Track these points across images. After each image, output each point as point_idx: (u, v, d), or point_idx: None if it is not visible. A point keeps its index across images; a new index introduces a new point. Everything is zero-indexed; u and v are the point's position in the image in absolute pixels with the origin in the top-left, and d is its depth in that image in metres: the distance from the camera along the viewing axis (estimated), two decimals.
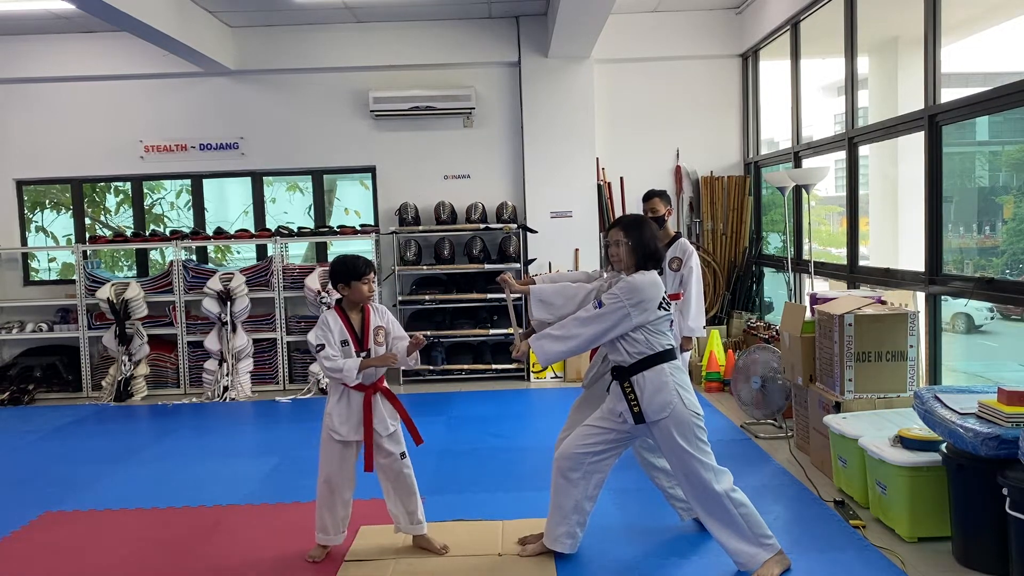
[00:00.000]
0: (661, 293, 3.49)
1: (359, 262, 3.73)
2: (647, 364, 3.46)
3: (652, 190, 5.43)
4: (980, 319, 6.72)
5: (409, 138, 8.31)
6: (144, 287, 7.83)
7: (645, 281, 3.45)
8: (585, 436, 3.62)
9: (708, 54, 8.27)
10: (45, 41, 8.05)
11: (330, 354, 3.61)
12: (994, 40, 5.39)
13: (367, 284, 3.71)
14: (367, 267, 3.73)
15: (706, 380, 7.15)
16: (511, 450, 5.57)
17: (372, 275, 3.74)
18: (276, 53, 8.12)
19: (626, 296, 3.40)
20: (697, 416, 3.50)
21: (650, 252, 3.52)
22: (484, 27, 8.10)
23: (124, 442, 6.18)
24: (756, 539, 3.45)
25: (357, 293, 3.71)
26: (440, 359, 7.88)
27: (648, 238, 3.52)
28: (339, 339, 3.66)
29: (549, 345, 3.47)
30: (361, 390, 3.70)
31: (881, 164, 6.54)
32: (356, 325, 3.73)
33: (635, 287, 3.42)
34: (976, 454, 3.33)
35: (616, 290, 3.43)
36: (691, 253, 5.20)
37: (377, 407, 3.75)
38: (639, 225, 3.57)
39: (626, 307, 3.39)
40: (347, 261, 3.73)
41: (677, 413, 3.44)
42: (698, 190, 8.35)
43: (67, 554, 4.03)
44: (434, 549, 3.82)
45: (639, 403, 3.44)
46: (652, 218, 5.28)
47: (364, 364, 3.63)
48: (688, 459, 3.46)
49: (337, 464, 3.75)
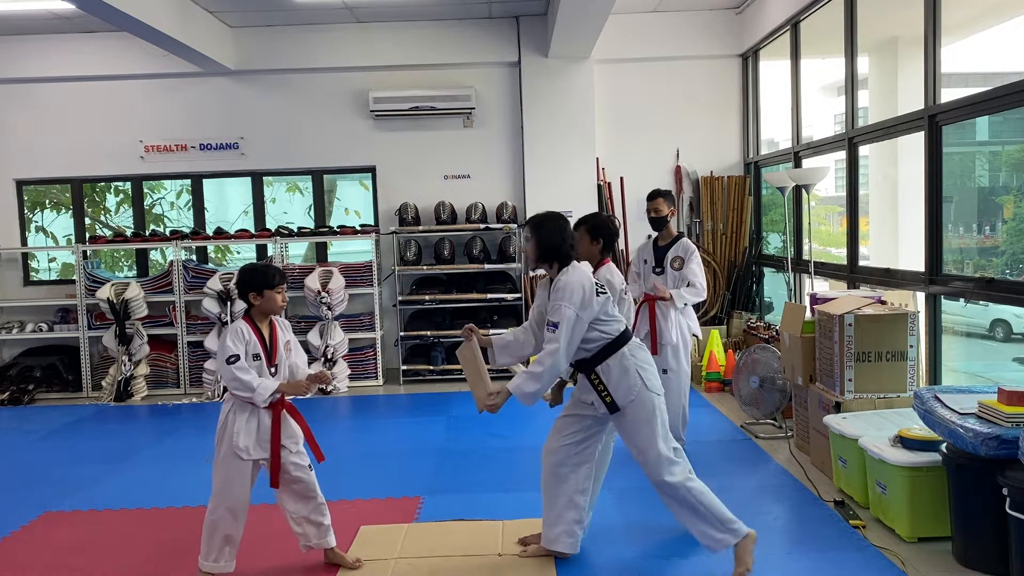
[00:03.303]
0: (592, 282, 3.51)
1: (271, 270, 3.61)
2: (608, 352, 3.52)
3: (656, 190, 5.44)
4: (1020, 326, 6.33)
5: (409, 138, 8.31)
6: (144, 287, 7.83)
7: (573, 279, 3.49)
8: (563, 428, 3.70)
9: (708, 54, 8.27)
10: (45, 41, 8.06)
11: (245, 367, 3.46)
12: (994, 40, 5.39)
13: (280, 294, 3.58)
14: (280, 276, 3.61)
15: (706, 380, 7.15)
16: (511, 450, 5.57)
17: (284, 285, 3.63)
18: (276, 53, 8.12)
19: (567, 302, 3.43)
20: (659, 398, 3.54)
21: (552, 247, 3.56)
22: (484, 27, 8.10)
23: (124, 442, 6.19)
24: (722, 526, 3.49)
25: (270, 303, 3.55)
26: (440, 359, 7.88)
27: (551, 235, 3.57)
28: (252, 352, 3.51)
29: (527, 385, 3.46)
30: (269, 408, 3.54)
31: (881, 164, 6.55)
32: (266, 337, 3.60)
33: (568, 288, 3.45)
34: (976, 454, 3.33)
35: (556, 303, 3.45)
36: (693, 252, 5.21)
37: (286, 422, 3.59)
38: (540, 224, 3.63)
39: (573, 312, 3.43)
40: (259, 269, 3.63)
41: (642, 396, 3.50)
42: (698, 190, 8.35)
43: (67, 554, 4.04)
44: (347, 564, 3.70)
45: (609, 392, 3.50)
46: (655, 218, 5.33)
47: (278, 389, 3.50)
48: (651, 442, 3.49)
49: (240, 485, 3.54)
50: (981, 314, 6.16)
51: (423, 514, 4.38)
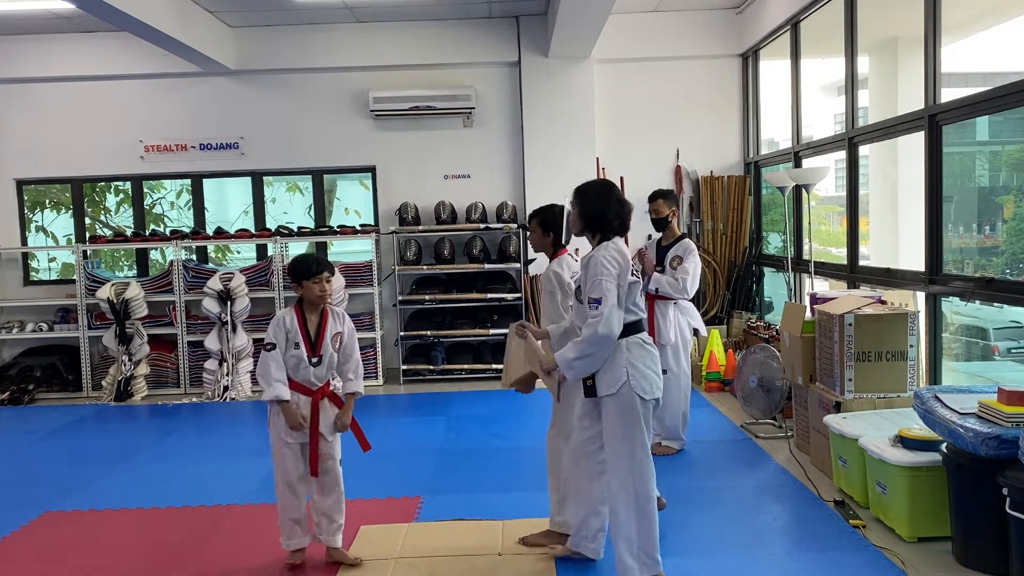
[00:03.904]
0: (629, 259, 3.38)
1: (310, 260, 3.71)
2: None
3: (657, 191, 5.43)
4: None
5: (409, 138, 8.31)
6: (144, 287, 7.83)
7: (612, 252, 3.35)
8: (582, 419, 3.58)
9: (708, 54, 8.27)
10: (45, 41, 8.05)
11: (276, 357, 3.60)
12: (994, 40, 5.39)
13: (318, 284, 3.65)
14: (319, 266, 3.68)
15: (706, 380, 7.15)
16: (511, 450, 5.57)
17: (326, 275, 3.67)
18: (276, 53, 8.12)
19: (605, 276, 3.28)
20: (643, 401, 3.32)
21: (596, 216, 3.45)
22: (484, 27, 8.10)
23: (124, 442, 6.19)
24: (639, 555, 3.32)
25: (308, 292, 3.65)
26: (440, 359, 7.88)
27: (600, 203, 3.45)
28: (292, 340, 3.62)
29: (583, 366, 3.32)
30: (308, 394, 3.67)
31: (881, 164, 6.54)
32: (312, 328, 3.68)
33: (605, 262, 3.31)
34: (976, 454, 3.33)
35: (595, 277, 3.30)
36: (691, 251, 5.19)
37: (325, 412, 3.72)
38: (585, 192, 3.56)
39: (614, 283, 3.28)
40: (300, 259, 3.76)
41: (622, 394, 3.30)
42: (698, 190, 8.35)
43: (67, 554, 4.03)
44: (348, 561, 3.76)
45: (592, 376, 3.34)
46: (655, 219, 5.34)
47: (286, 410, 3.59)
48: (623, 445, 3.32)
49: (292, 462, 3.69)
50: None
51: (423, 514, 4.38)
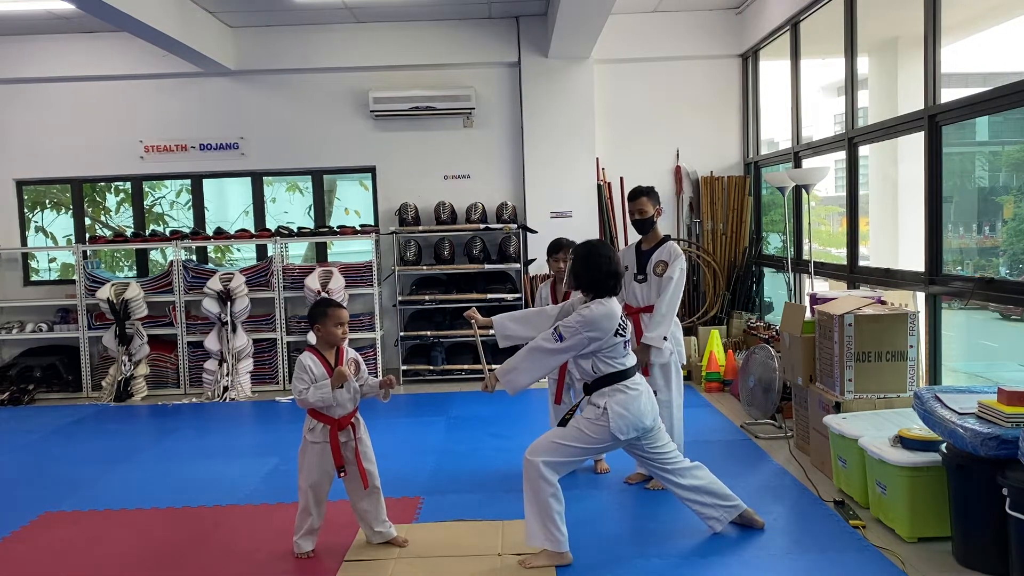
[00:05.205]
0: (616, 323, 3.65)
1: (326, 303, 3.86)
2: (600, 383, 3.69)
3: (638, 188, 4.71)
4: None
5: (409, 138, 8.31)
6: (144, 287, 7.83)
7: (600, 313, 3.62)
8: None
9: (708, 54, 8.27)
10: (45, 41, 8.05)
11: (316, 387, 3.74)
12: (994, 40, 5.39)
13: (341, 327, 3.79)
14: (332, 307, 3.83)
15: (706, 380, 7.14)
16: (511, 450, 5.56)
17: (338, 312, 3.80)
18: (276, 53, 8.12)
19: (584, 328, 3.59)
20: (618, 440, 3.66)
21: (596, 280, 3.69)
22: (484, 27, 8.10)
23: (124, 442, 6.18)
24: (545, 526, 3.61)
25: (331, 336, 3.79)
26: (440, 359, 7.88)
27: (593, 268, 3.69)
28: (320, 379, 3.75)
29: (516, 377, 3.69)
30: (329, 423, 3.80)
31: (881, 164, 6.54)
32: (331, 363, 3.81)
33: (591, 320, 3.60)
34: (976, 454, 3.33)
35: (573, 322, 3.62)
36: (677, 257, 4.54)
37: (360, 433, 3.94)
38: (587, 255, 3.74)
39: (584, 336, 3.59)
40: (318, 303, 3.88)
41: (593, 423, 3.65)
42: (698, 190, 8.35)
43: (67, 554, 4.04)
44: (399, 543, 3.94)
45: (572, 411, 3.78)
46: (639, 221, 4.69)
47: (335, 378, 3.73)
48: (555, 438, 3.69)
49: (317, 466, 3.85)
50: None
51: (423, 514, 4.38)
